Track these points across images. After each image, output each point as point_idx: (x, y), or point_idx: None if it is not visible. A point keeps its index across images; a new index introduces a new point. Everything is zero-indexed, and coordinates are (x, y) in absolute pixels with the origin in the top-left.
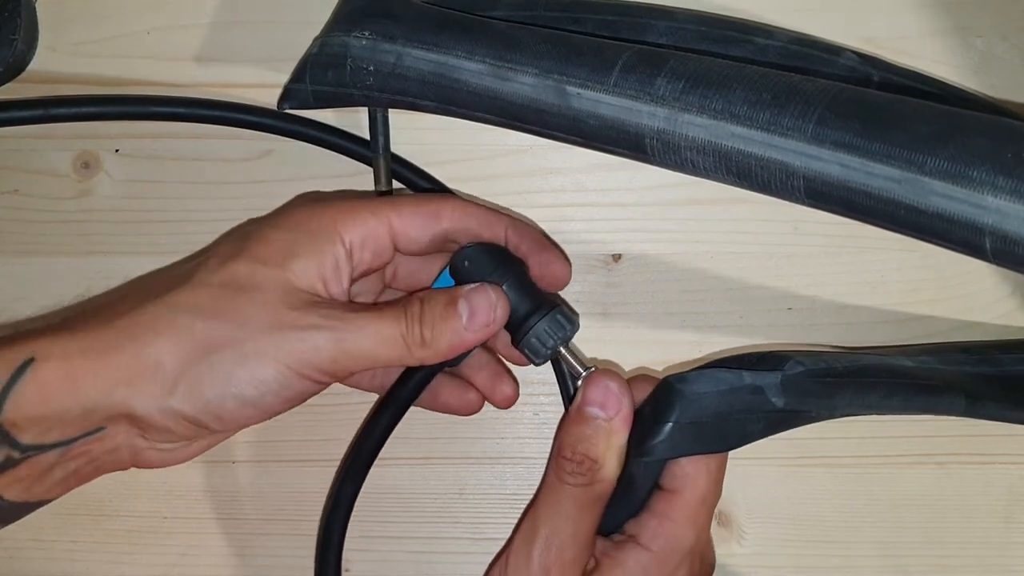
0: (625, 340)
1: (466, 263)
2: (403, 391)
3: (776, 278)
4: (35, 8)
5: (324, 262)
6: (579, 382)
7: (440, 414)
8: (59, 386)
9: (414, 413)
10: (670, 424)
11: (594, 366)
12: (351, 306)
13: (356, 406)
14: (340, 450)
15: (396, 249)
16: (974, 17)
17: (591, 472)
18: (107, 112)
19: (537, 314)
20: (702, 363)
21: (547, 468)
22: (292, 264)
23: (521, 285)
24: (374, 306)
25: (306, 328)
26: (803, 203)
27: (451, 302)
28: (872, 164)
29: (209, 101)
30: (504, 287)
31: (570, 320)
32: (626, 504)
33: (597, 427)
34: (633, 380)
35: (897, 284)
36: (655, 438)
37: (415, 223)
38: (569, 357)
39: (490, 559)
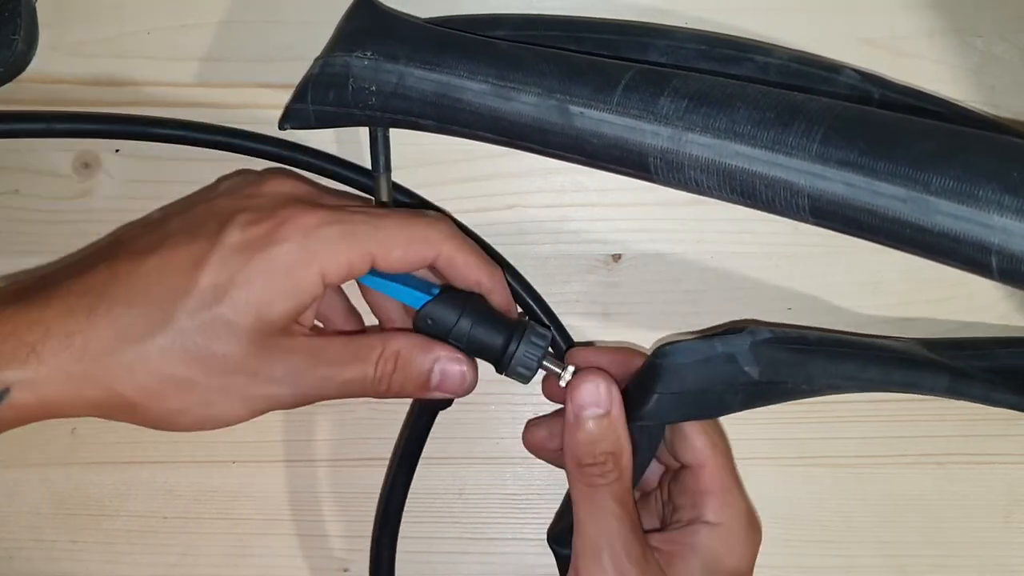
0: (625, 340)
1: (429, 321)
2: (410, 449)
3: (776, 278)
4: (35, 8)
5: (301, 302)
6: (561, 381)
7: (440, 415)
8: (32, 412)
9: None
10: (656, 395)
11: (570, 364)
12: (321, 345)
13: (355, 406)
14: (339, 450)
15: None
16: (974, 17)
17: (617, 464)
18: (108, 130)
19: (513, 341)
20: None
21: (572, 484)
22: (271, 311)
23: (487, 321)
24: (344, 338)
25: (273, 382)
26: (808, 221)
27: (424, 372)
28: (877, 183)
29: (210, 126)
30: (473, 328)
31: (542, 335)
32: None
33: (601, 424)
34: (614, 353)
35: (897, 284)
36: (644, 407)
37: (398, 264)
38: (549, 364)
39: (490, 559)
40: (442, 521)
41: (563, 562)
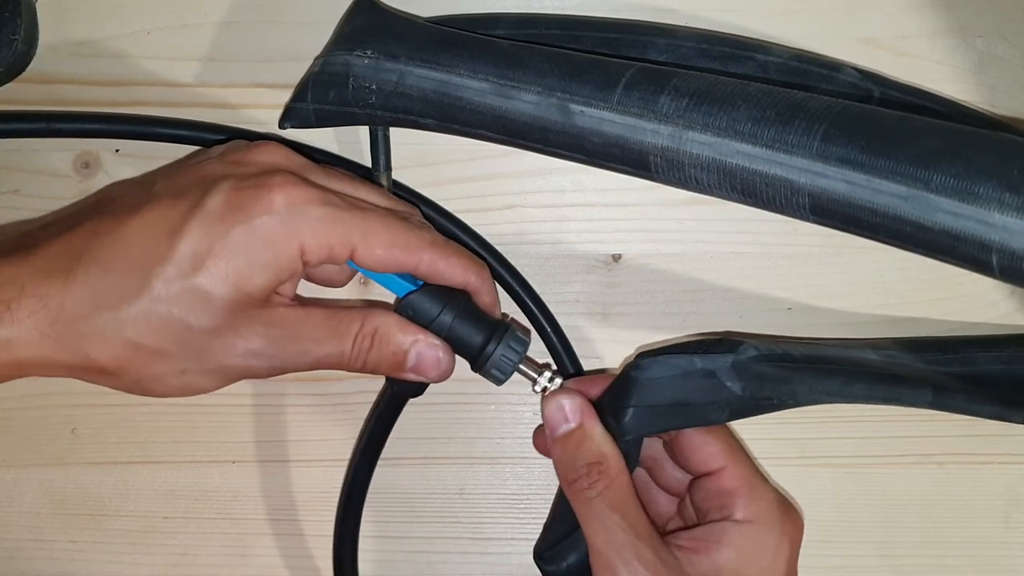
0: (625, 340)
1: (409, 312)
2: (376, 432)
3: (776, 278)
4: (35, 8)
5: (279, 277)
6: (536, 387)
7: (440, 415)
8: (4, 370)
9: (415, 413)
10: (631, 408)
11: (545, 367)
12: (299, 319)
13: (356, 407)
14: (339, 450)
15: None
16: (974, 17)
17: (603, 474)
18: (108, 130)
19: (492, 341)
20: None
21: (572, 503)
22: (249, 284)
23: (469, 317)
24: (323, 312)
25: (249, 355)
26: (808, 220)
27: (401, 352)
28: (878, 181)
29: (210, 125)
30: (453, 323)
31: (521, 340)
32: None
33: (576, 437)
34: (594, 378)
35: (897, 284)
36: (621, 421)
37: (376, 264)
38: (526, 369)
39: (490, 559)
40: (442, 521)
41: None
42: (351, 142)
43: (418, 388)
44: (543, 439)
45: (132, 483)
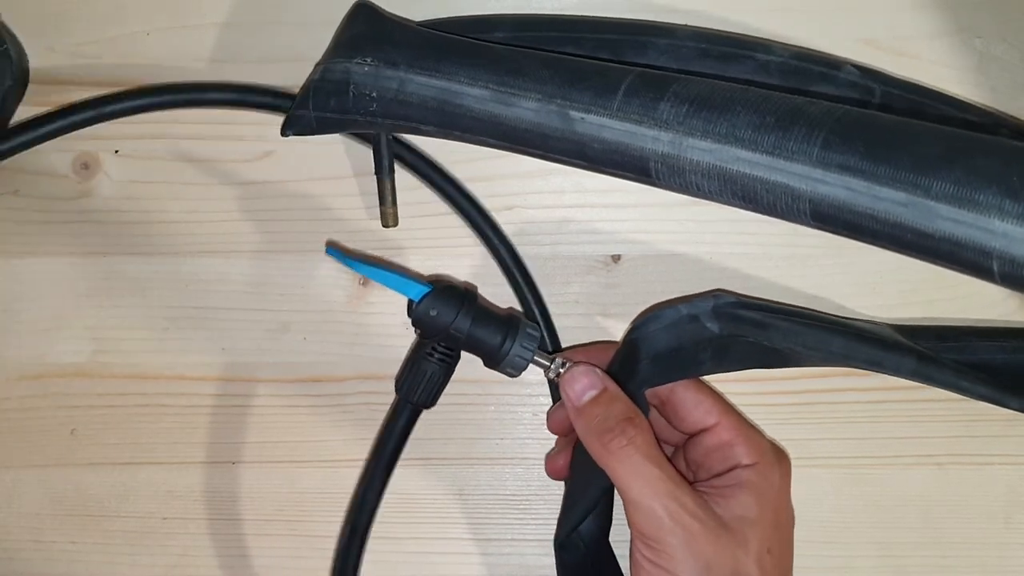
0: None
1: (432, 312)
2: (388, 447)
3: (776, 278)
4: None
5: None
6: (550, 374)
7: (440, 416)
8: None
9: None
10: (642, 362)
11: (556, 354)
12: None
13: (355, 407)
14: (337, 451)
15: None
16: (974, 18)
17: (636, 427)
18: (94, 116)
19: (509, 337)
20: None
21: (605, 464)
22: None
23: (484, 318)
24: None
25: None
26: (809, 225)
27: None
28: (878, 187)
29: (178, 85)
30: (471, 327)
31: (535, 329)
32: None
33: (605, 399)
34: (591, 349)
35: (897, 284)
36: (636, 375)
37: None
38: (539, 359)
39: (489, 559)
40: (442, 522)
41: (566, 567)
42: (351, 143)
43: (432, 400)
44: (557, 463)
45: (131, 484)
